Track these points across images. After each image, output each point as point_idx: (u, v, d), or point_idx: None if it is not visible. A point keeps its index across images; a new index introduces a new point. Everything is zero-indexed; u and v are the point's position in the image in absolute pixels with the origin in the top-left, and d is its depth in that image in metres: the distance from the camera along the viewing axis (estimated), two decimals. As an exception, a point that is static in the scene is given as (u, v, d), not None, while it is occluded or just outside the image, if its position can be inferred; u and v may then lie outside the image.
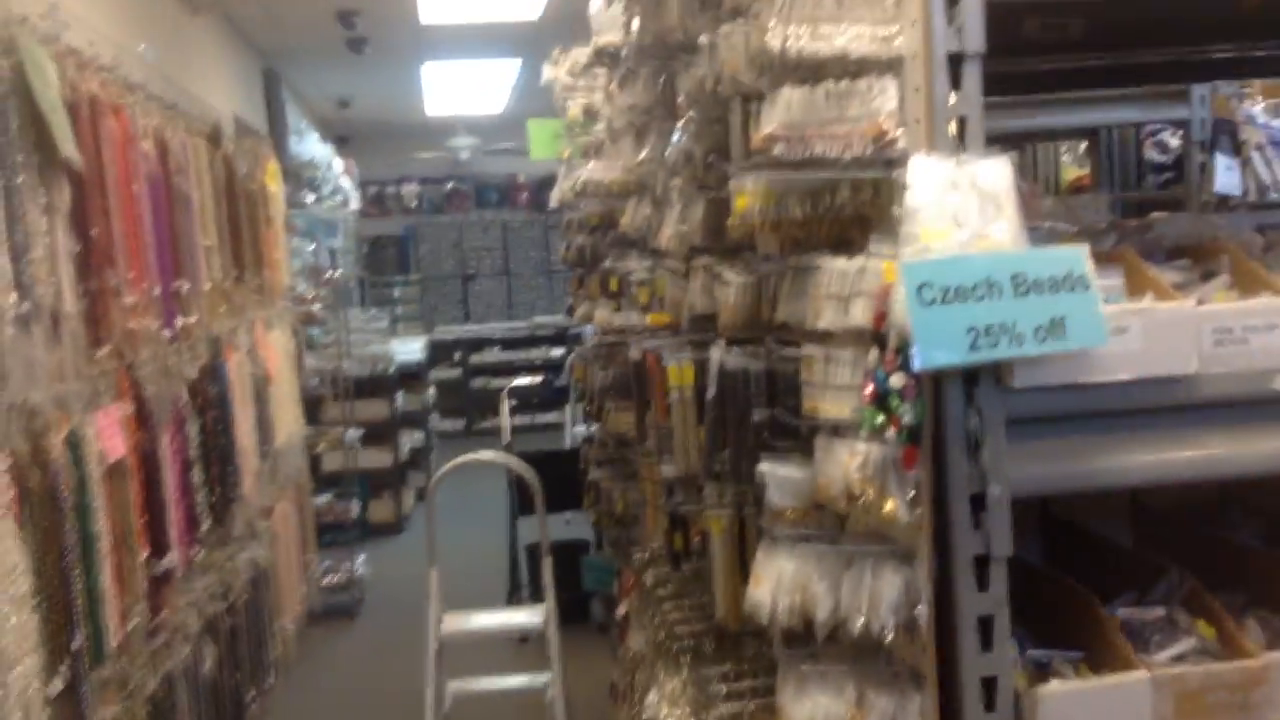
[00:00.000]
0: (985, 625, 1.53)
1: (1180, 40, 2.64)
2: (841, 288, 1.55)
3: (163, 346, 3.57)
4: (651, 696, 2.14)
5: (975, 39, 1.49)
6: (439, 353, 11.65)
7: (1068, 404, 1.57)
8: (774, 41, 1.48)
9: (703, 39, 1.92)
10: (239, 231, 4.81)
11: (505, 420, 6.43)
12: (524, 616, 4.98)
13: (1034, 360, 1.48)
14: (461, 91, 9.62)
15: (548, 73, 4.46)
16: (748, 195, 1.62)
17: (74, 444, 2.64)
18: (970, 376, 1.51)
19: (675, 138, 2.12)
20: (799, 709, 1.60)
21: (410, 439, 9.18)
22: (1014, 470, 1.52)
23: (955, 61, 1.50)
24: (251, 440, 4.73)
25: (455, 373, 11.94)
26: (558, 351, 11.50)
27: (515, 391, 6.65)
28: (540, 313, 12.48)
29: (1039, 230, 1.85)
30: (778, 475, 1.66)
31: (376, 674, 5.87)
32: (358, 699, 5.62)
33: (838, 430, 1.56)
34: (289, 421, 5.67)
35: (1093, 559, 1.97)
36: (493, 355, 12.08)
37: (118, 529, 2.94)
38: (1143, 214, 4.41)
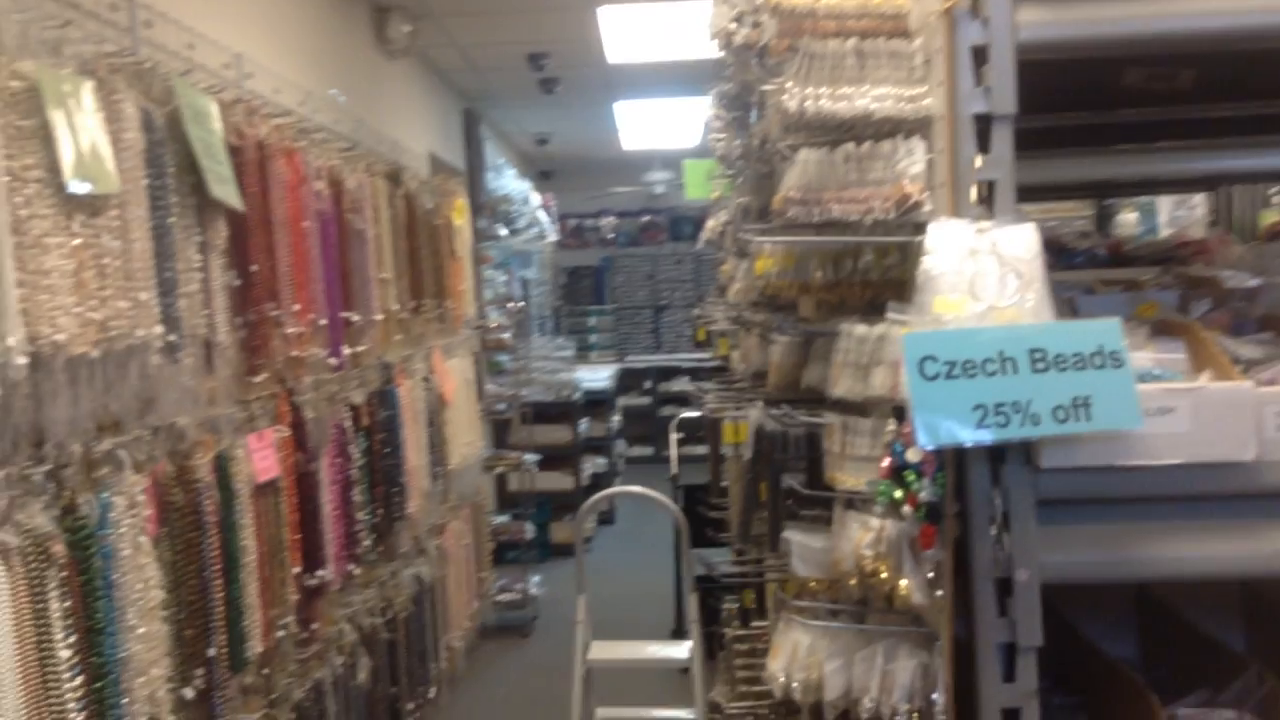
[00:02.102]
0: (1011, 718, 1.43)
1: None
2: (860, 355, 1.51)
3: (328, 373, 3.79)
4: (712, 753, 2.11)
5: (1005, 100, 1.41)
6: (629, 381, 11.86)
7: (1106, 487, 1.46)
8: (790, 102, 1.45)
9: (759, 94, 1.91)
10: (418, 264, 5.06)
11: (673, 451, 6.49)
12: (672, 650, 5.00)
13: (1066, 440, 1.39)
14: (655, 127, 9.81)
15: (705, 113, 4.50)
16: (767, 257, 1.60)
17: (223, 465, 2.85)
18: (998, 454, 1.43)
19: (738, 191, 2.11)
20: (815, 785, 1.55)
21: (593, 464, 9.38)
22: (1044, 555, 1.43)
23: (985, 123, 1.43)
24: (421, 461, 4.94)
25: (645, 400, 12.12)
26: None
27: (684, 423, 6.69)
28: (731, 344, 12.53)
29: (1118, 296, 1.73)
30: (801, 544, 1.62)
31: (543, 691, 6.01)
32: (521, 713, 5.77)
33: (853, 503, 1.51)
34: (465, 444, 5.88)
35: (1188, 650, 1.82)
36: (681, 385, 12.19)
37: (267, 545, 3.14)
38: (1347, 262, 4.05)
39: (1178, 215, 5.77)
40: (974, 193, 1.40)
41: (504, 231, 8.39)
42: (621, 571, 7.97)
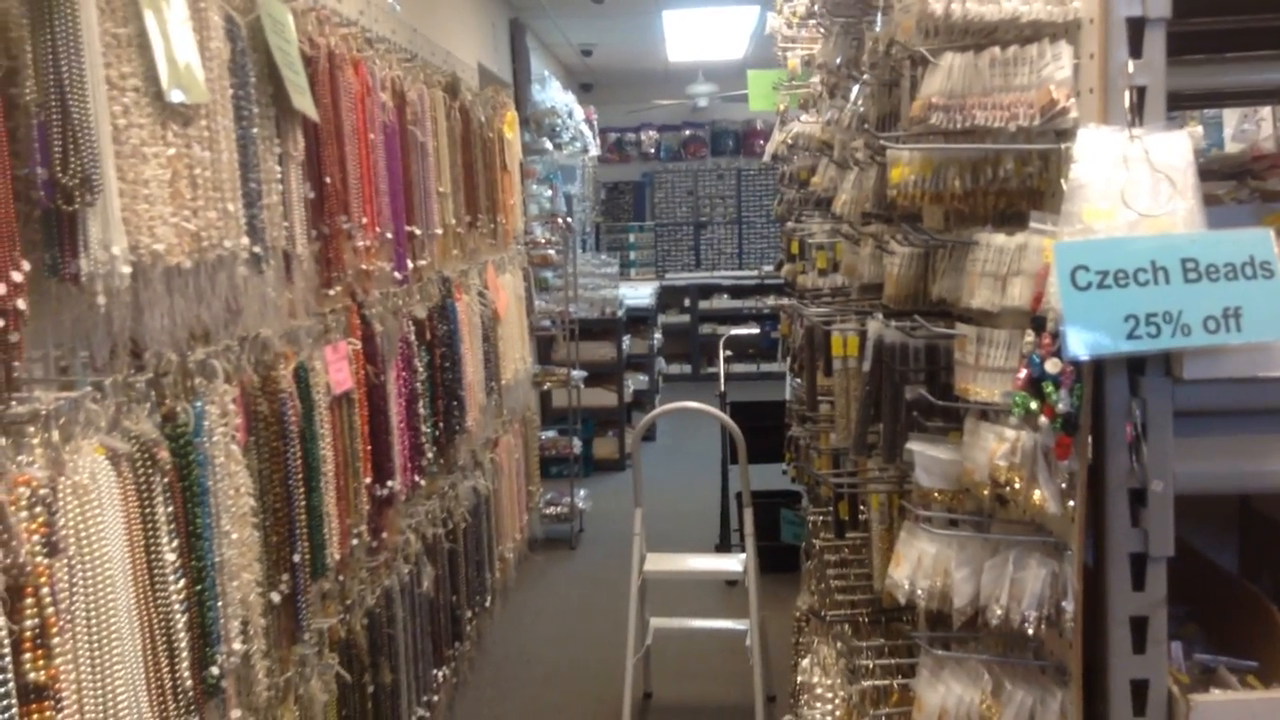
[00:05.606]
0: (1139, 626, 1.45)
1: None
2: (999, 265, 1.48)
3: (393, 287, 3.81)
4: (806, 662, 2.14)
5: (1159, 2, 1.38)
6: (669, 298, 11.85)
7: (1245, 399, 1.45)
8: (936, 5, 1.42)
9: (885, -1, 1.86)
10: (474, 178, 5.03)
11: (721, 369, 6.51)
12: (725, 563, 5.07)
13: (1209, 351, 1.37)
14: (702, 38, 9.63)
15: (771, 22, 4.41)
16: (904, 165, 1.57)
17: (303, 376, 2.88)
18: (1136, 365, 1.42)
19: (853, 100, 2.07)
20: (932, 694, 1.57)
21: (635, 381, 9.42)
22: (1179, 466, 1.43)
23: (1138, 26, 1.40)
24: (478, 376, 4.98)
25: (684, 318, 12.12)
26: (786, 301, 11.46)
27: (731, 341, 6.70)
28: (769, 262, 12.45)
29: (1243, 207, 1.70)
30: (926, 456, 1.62)
31: (590, 601, 6.13)
32: (571, 624, 5.89)
33: (986, 414, 1.51)
34: (516, 359, 5.91)
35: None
36: (721, 302, 12.18)
37: (342, 455, 3.19)
38: None
39: (1244, 129, 5.64)
40: (1126, 98, 1.37)
41: (549, 145, 8.31)
42: (663, 487, 8.05)
